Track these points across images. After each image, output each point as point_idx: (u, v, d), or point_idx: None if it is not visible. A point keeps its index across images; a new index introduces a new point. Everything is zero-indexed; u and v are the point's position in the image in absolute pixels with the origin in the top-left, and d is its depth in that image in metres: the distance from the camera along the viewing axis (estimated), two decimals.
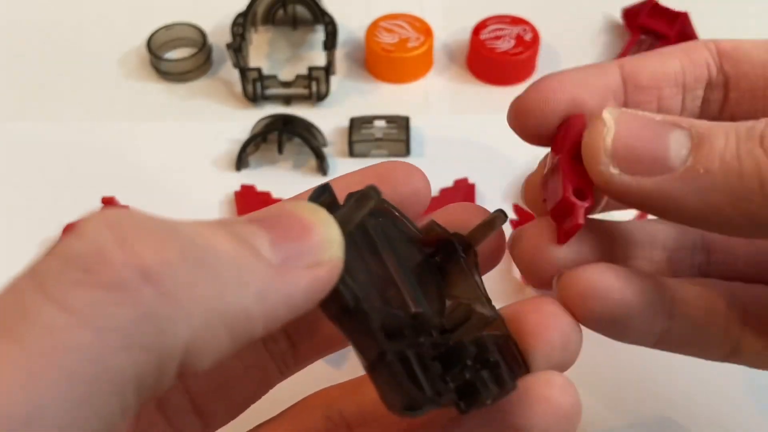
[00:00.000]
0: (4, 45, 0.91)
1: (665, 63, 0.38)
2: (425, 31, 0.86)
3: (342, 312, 0.30)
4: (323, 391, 0.40)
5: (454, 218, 0.38)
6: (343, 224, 0.29)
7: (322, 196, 0.31)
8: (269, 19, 0.91)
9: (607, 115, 0.34)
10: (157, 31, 0.88)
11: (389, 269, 0.34)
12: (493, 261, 0.40)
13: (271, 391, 0.63)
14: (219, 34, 0.90)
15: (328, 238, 0.28)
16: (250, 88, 0.81)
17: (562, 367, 0.35)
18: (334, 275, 0.28)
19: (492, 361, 0.31)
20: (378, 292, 0.32)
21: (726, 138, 0.31)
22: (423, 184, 0.39)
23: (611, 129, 0.33)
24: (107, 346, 0.22)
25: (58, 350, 0.21)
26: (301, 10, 0.89)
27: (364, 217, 0.31)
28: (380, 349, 0.30)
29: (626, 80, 0.37)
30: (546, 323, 0.35)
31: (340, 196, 0.31)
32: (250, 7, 0.85)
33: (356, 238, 0.32)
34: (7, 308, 0.24)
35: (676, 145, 0.32)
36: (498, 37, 0.85)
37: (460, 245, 0.37)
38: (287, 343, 0.41)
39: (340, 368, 0.64)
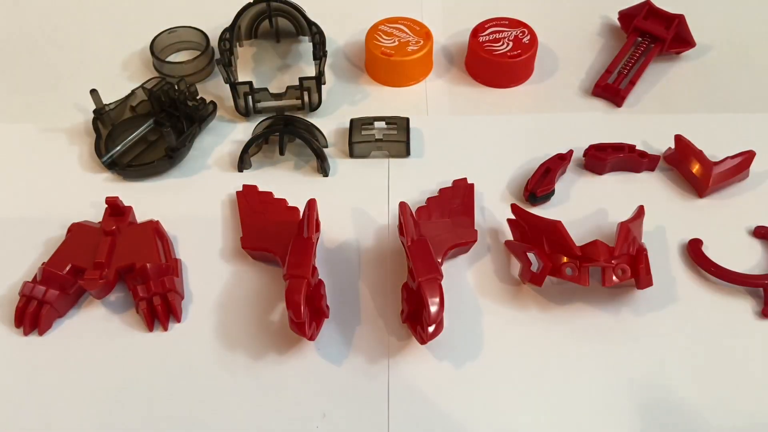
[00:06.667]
0: (8, 47, 0.92)
1: None
2: (425, 34, 0.87)
3: None
4: None
5: None
6: None
7: None
8: (252, 33, 0.91)
9: None
10: (159, 35, 0.89)
11: None
12: None
13: (270, 388, 0.64)
14: None
15: None
16: (241, 102, 0.82)
17: None
18: None
19: None
20: None
21: None
22: None
23: None
24: None
25: None
26: (283, 23, 0.89)
27: None
28: None
29: None
30: None
31: None
32: (235, 21, 0.85)
33: None
34: None
35: None
36: (496, 40, 0.86)
37: None
38: None
39: (340, 366, 0.65)
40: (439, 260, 0.68)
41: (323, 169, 0.78)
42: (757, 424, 0.62)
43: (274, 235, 0.70)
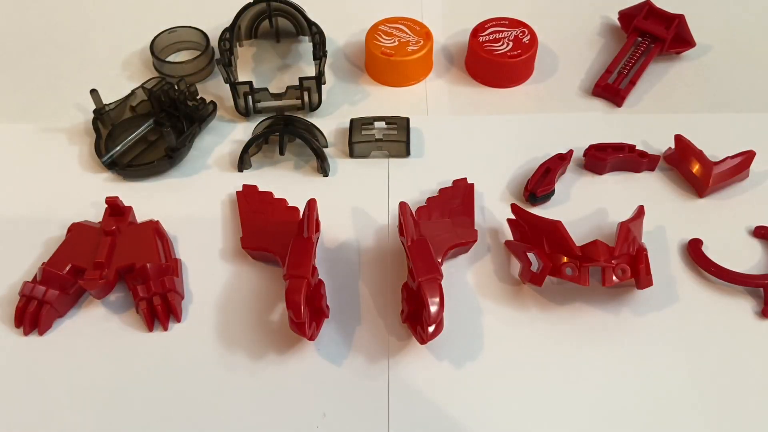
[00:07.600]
0: (8, 47, 0.92)
1: None
2: (425, 34, 0.87)
3: None
4: None
5: None
6: None
7: None
8: (252, 33, 0.91)
9: None
10: (159, 35, 0.89)
11: None
12: None
13: (270, 388, 0.64)
14: None
15: None
16: (241, 102, 0.82)
17: None
18: None
19: None
20: None
21: None
22: None
23: None
24: None
25: None
26: (283, 23, 0.90)
27: None
28: None
29: None
30: None
31: None
32: (235, 21, 0.86)
33: None
34: None
35: None
36: (496, 40, 0.86)
37: None
38: None
39: (340, 366, 0.65)
40: (439, 260, 0.68)
41: (323, 169, 0.78)
42: (758, 424, 0.62)
43: (274, 235, 0.70)
